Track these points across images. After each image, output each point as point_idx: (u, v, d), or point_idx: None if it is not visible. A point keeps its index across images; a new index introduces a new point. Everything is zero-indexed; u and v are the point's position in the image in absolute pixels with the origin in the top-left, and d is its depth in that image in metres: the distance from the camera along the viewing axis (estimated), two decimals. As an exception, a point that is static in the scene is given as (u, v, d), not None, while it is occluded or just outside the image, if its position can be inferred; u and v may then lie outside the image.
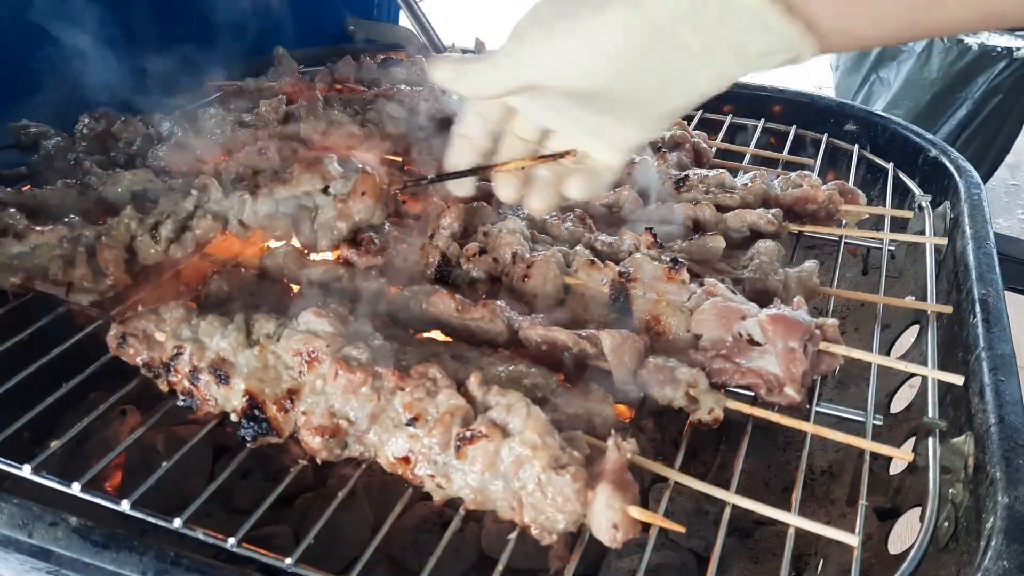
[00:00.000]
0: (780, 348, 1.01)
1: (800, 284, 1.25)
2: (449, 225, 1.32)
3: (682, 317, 1.12)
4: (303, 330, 0.99)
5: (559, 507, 0.82)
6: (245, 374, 0.99)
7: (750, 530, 1.41)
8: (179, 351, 1.02)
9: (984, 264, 1.26)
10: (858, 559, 0.87)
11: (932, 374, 1.10)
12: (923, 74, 4.22)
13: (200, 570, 0.82)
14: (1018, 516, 0.82)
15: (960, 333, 1.16)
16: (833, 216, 1.48)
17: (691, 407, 1.02)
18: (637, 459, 0.88)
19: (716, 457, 1.55)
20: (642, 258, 1.20)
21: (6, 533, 0.86)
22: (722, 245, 1.33)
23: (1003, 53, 4.03)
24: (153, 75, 1.91)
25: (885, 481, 1.13)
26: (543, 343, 1.09)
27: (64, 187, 1.39)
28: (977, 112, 4.20)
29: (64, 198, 1.36)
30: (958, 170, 1.60)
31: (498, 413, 0.89)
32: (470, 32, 2.48)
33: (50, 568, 0.86)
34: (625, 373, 1.04)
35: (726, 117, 2.02)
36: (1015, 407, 0.96)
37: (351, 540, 1.27)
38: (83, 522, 0.86)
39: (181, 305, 1.08)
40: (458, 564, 1.30)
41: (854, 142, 1.89)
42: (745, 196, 1.50)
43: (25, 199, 1.35)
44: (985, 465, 0.90)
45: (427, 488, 0.91)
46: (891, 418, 1.21)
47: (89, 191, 1.40)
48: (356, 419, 0.94)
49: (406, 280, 1.27)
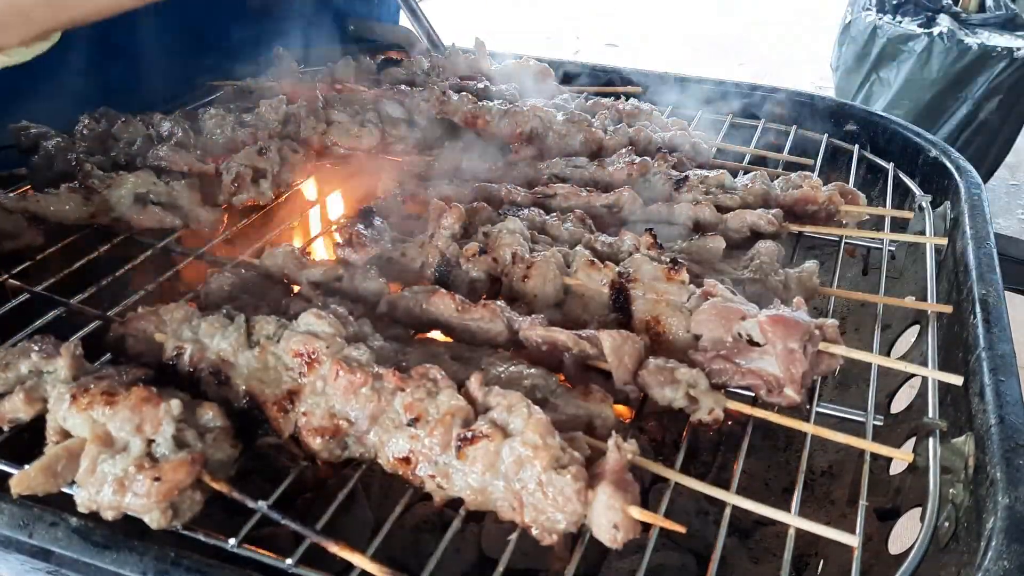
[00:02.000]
0: (780, 349, 1.01)
1: (800, 284, 1.25)
2: (450, 226, 1.32)
3: (682, 317, 1.12)
4: (303, 331, 0.99)
5: (560, 507, 0.82)
6: (245, 375, 0.99)
7: (750, 530, 1.41)
8: (179, 351, 1.02)
9: (984, 264, 1.26)
10: (858, 559, 0.87)
11: (932, 374, 1.10)
12: (923, 74, 4.22)
13: (200, 570, 0.82)
14: (1018, 516, 0.82)
15: (960, 333, 1.16)
16: (833, 217, 1.48)
17: (691, 407, 1.02)
18: (637, 460, 0.88)
19: (716, 457, 1.55)
20: (642, 258, 1.20)
21: (6, 533, 0.87)
22: (722, 246, 1.33)
23: (1003, 53, 4.03)
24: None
25: (885, 481, 1.13)
26: (543, 343, 1.09)
27: (68, 192, 1.40)
28: (977, 112, 4.20)
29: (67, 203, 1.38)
30: (958, 170, 1.60)
31: (499, 413, 0.89)
32: (470, 32, 2.48)
33: (50, 568, 0.86)
34: (625, 373, 1.04)
35: (726, 117, 2.02)
36: (1015, 407, 0.96)
37: (351, 540, 1.27)
38: (83, 522, 0.86)
39: (181, 306, 1.08)
40: (458, 564, 1.30)
41: (854, 142, 1.89)
42: (745, 196, 1.50)
43: (28, 204, 1.36)
44: (985, 465, 0.90)
45: (427, 488, 0.91)
46: (891, 418, 1.21)
47: (93, 195, 1.40)
48: (356, 420, 0.94)
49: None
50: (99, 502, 0.86)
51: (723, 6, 7.91)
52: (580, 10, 7.74)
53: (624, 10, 7.81)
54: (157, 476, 0.85)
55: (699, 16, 7.70)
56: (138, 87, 1.92)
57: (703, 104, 2.09)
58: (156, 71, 1.93)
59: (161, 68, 1.93)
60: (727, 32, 7.29)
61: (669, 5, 7.90)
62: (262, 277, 1.29)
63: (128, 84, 1.90)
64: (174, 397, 0.91)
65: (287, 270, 1.28)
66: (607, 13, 7.66)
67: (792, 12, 7.82)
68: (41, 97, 1.66)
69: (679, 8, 7.84)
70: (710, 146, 1.79)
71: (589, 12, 7.71)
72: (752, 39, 7.15)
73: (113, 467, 0.86)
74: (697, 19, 7.63)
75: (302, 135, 1.74)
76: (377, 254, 1.31)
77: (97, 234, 1.45)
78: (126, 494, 0.85)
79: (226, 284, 1.24)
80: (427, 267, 1.30)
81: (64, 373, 0.99)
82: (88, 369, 1.01)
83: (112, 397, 0.90)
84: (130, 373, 1.00)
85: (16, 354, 1.02)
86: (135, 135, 1.65)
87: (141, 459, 0.86)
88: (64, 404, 0.92)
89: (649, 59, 6.27)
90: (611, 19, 7.51)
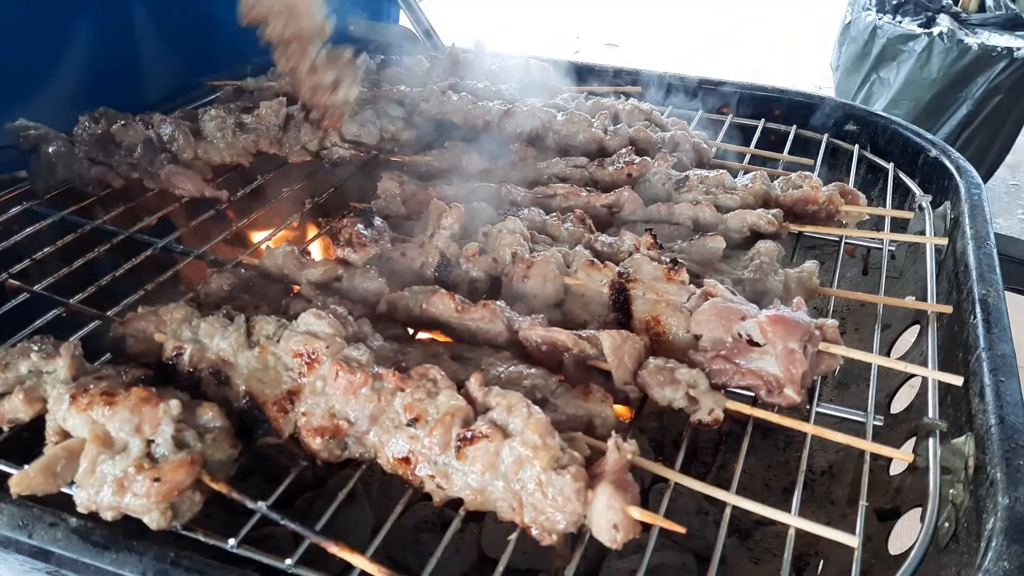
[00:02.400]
0: (780, 349, 1.01)
1: (800, 284, 1.25)
2: (450, 226, 1.32)
3: (682, 318, 1.12)
4: (303, 331, 0.99)
5: (559, 507, 0.82)
6: (245, 375, 0.99)
7: (750, 530, 1.41)
8: (179, 351, 1.02)
9: (984, 264, 1.26)
10: (858, 560, 0.87)
11: (932, 375, 1.10)
12: (923, 74, 4.22)
13: (200, 570, 0.82)
14: (1018, 517, 0.82)
15: (960, 333, 1.16)
16: (833, 217, 1.48)
17: (691, 408, 1.02)
18: (637, 460, 0.88)
19: (716, 457, 1.55)
20: (642, 258, 1.20)
21: (6, 533, 0.87)
22: (722, 246, 1.33)
23: (1003, 53, 4.03)
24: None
25: (885, 482, 1.13)
26: (543, 343, 1.09)
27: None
28: (977, 112, 4.20)
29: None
30: (958, 170, 1.60)
31: (499, 414, 0.89)
32: (470, 32, 2.48)
33: (50, 568, 0.86)
34: (625, 373, 1.04)
35: (726, 117, 2.02)
36: (1015, 407, 0.96)
37: (351, 540, 1.27)
38: (82, 522, 0.86)
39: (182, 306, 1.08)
40: (458, 564, 1.30)
41: (854, 142, 1.88)
42: (745, 197, 1.50)
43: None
44: (985, 466, 0.90)
45: (427, 488, 0.91)
46: (891, 419, 1.21)
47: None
48: (356, 420, 0.94)
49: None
50: (98, 502, 0.86)
51: (723, 6, 7.92)
52: (580, 10, 7.74)
53: (624, 10, 7.81)
54: (157, 477, 0.85)
55: (699, 16, 7.70)
56: (139, 85, 1.92)
57: (703, 104, 2.09)
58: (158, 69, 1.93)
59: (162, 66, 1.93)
60: (727, 32, 7.30)
61: (669, 5, 7.90)
62: (262, 277, 1.29)
63: (129, 83, 1.91)
64: (174, 397, 0.91)
65: (287, 270, 1.28)
66: (607, 13, 7.66)
67: (792, 12, 7.82)
68: (40, 97, 1.66)
69: (679, 8, 7.85)
70: (710, 146, 1.79)
71: (589, 12, 7.71)
72: (752, 39, 7.15)
73: (113, 468, 0.86)
74: (697, 19, 7.63)
75: (302, 137, 1.73)
76: (377, 254, 1.31)
77: (96, 233, 1.45)
78: (126, 495, 0.85)
79: (226, 284, 1.24)
80: (427, 267, 1.30)
81: (64, 373, 0.99)
82: (88, 369, 1.01)
83: (112, 397, 0.90)
84: (130, 373, 1.00)
85: (16, 354, 1.02)
86: (135, 139, 1.63)
87: (141, 460, 0.86)
88: (64, 404, 0.92)
89: (649, 59, 6.27)
90: (611, 19, 7.51)
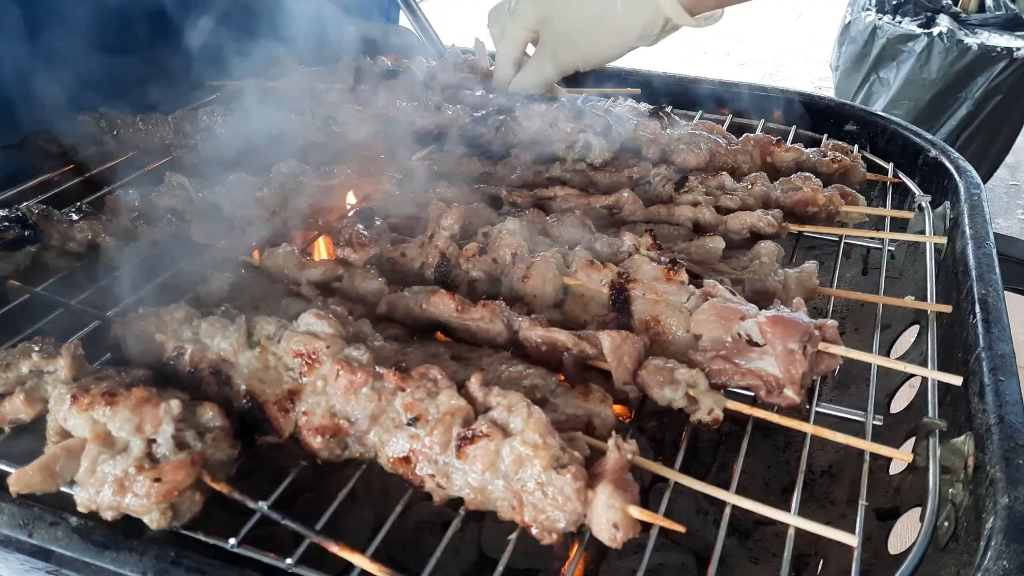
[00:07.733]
0: (779, 349, 1.01)
1: (800, 284, 1.25)
2: (449, 226, 1.32)
3: (681, 318, 1.12)
4: (303, 331, 0.99)
5: (559, 507, 0.83)
6: (246, 375, 0.99)
7: (750, 530, 1.41)
8: (180, 352, 1.02)
9: (984, 264, 1.26)
10: (858, 559, 0.87)
11: (932, 374, 1.10)
12: (923, 74, 4.23)
13: (200, 570, 0.82)
14: (1018, 516, 0.82)
15: (960, 333, 1.16)
16: (834, 218, 1.48)
17: (691, 408, 1.02)
18: (637, 460, 0.88)
19: (716, 457, 1.55)
20: (641, 259, 1.20)
21: (6, 533, 0.87)
22: (721, 246, 1.33)
23: (1003, 53, 4.04)
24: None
25: (885, 481, 1.13)
26: (543, 343, 1.09)
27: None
28: (977, 112, 4.20)
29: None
30: (958, 170, 1.60)
31: (499, 413, 0.89)
32: (470, 32, 2.48)
33: (50, 568, 0.86)
34: (625, 373, 1.04)
35: (726, 117, 2.02)
36: (1015, 407, 0.96)
37: (351, 540, 1.27)
38: (83, 522, 0.86)
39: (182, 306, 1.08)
40: (458, 564, 1.30)
41: (854, 142, 1.89)
42: (745, 198, 1.50)
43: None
44: (985, 465, 0.90)
45: (427, 488, 0.91)
46: (891, 418, 1.21)
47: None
48: (357, 419, 0.94)
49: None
50: (99, 502, 0.86)
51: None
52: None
53: (624, 10, 7.80)
54: (157, 477, 0.85)
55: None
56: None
57: (702, 105, 2.09)
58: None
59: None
60: (726, 32, 7.30)
61: (669, 5, 7.88)
62: (262, 277, 1.29)
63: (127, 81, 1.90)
64: (174, 397, 0.91)
65: (287, 270, 1.28)
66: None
67: (792, 12, 7.82)
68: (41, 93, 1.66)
69: (679, 8, 7.83)
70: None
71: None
72: (752, 39, 7.15)
73: (113, 468, 0.86)
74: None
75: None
76: (377, 254, 1.31)
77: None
78: (126, 495, 0.85)
79: (226, 284, 1.24)
80: (427, 267, 1.30)
81: (64, 374, 0.99)
82: (88, 369, 1.01)
83: (112, 397, 0.90)
84: (130, 373, 1.00)
85: (16, 354, 1.03)
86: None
87: (141, 460, 0.87)
88: (65, 405, 0.92)
89: (648, 59, 6.27)
90: (611, 19, 7.49)
